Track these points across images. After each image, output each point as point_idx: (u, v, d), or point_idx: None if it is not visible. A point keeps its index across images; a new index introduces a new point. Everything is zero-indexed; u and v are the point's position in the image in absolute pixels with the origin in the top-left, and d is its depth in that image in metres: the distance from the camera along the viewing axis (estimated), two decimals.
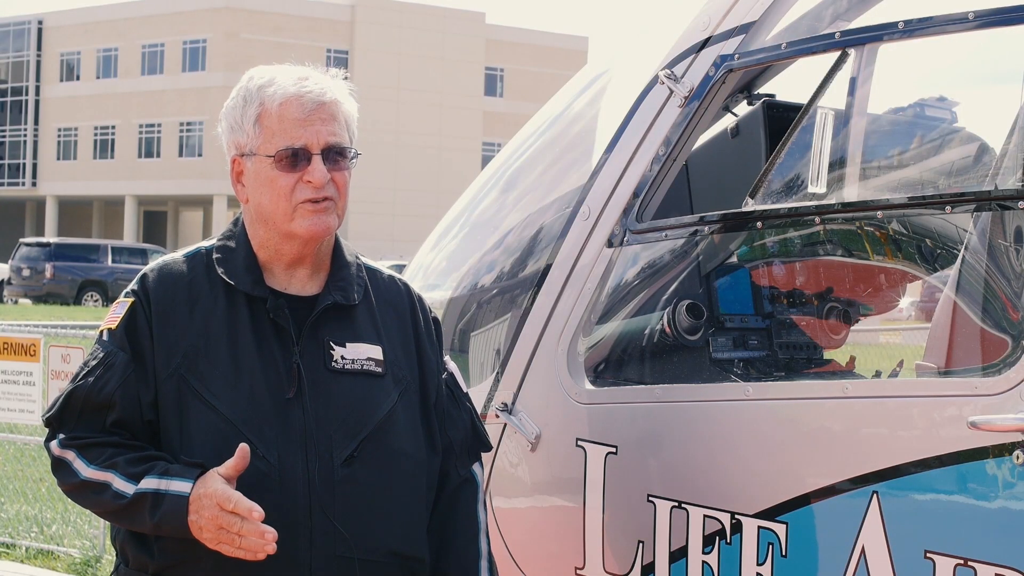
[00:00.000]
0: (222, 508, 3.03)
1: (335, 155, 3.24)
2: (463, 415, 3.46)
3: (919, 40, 3.66)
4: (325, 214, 3.23)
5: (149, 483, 3.11)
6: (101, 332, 3.28)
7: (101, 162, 79.58)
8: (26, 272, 43.03)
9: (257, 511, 3.02)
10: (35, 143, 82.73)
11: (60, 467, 3.22)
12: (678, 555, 3.77)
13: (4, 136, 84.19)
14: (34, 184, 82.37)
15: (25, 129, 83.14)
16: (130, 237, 73.71)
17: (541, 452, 4.11)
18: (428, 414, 3.37)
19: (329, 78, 3.30)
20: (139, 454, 3.17)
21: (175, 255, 3.35)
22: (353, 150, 3.28)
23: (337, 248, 3.36)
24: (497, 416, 4.17)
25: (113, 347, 3.23)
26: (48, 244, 44.82)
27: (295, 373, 3.21)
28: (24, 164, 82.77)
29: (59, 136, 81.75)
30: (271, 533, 3.02)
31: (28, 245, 44.62)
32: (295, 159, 3.21)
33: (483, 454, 3.53)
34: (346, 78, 3.35)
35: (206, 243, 3.36)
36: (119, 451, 3.17)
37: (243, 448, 3.06)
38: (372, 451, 3.23)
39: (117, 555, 3.32)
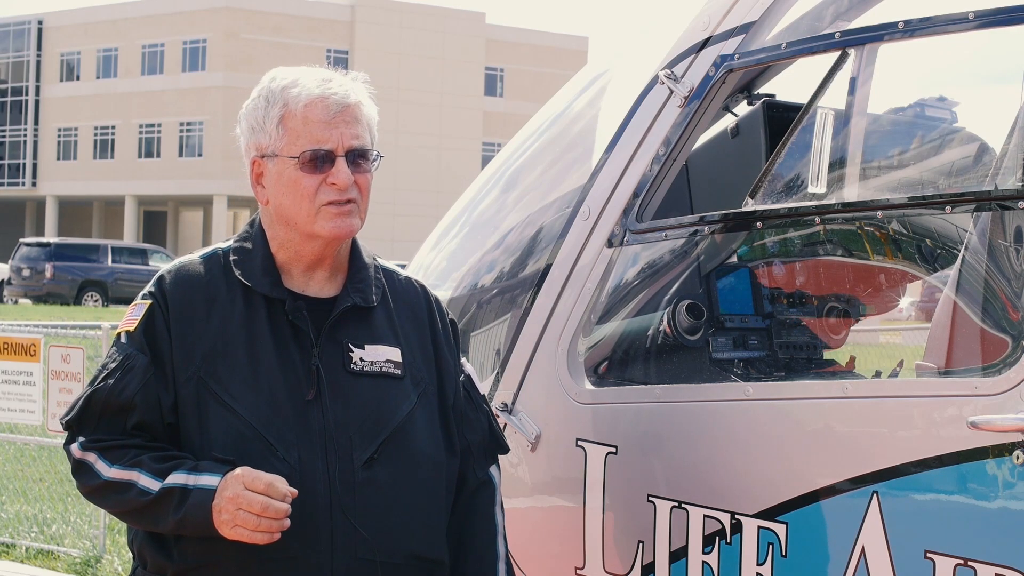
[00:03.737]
0: (247, 487, 3.02)
1: (358, 157, 3.24)
2: (480, 417, 3.46)
3: (919, 40, 3.66)
4: (349, 216, 3.23)
5: (177, 479, 3.10)
6: (119, 335, 3.26)
7: (101, 162, 79.55)
8: (26, 272, 43.01)
9: (291, 496, 3.04)
10: (35, 143, 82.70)
11: (81, 469, 3.20)
12: (678, 555, 3.77)
13: (4, 136, 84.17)
14: (34, 184, 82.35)
15: (25, 129, 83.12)
16: (130, 237, 73.67)
17: (541, 452, 4.11)
18: (446, 416, 3.37)
19: (351, 80, 3.29)
20: (164, 453, 3.16)
21: (191, 256, 3.34)
22: (376, 152, 3.28)
23: (355, 250, 3.35)
24: (497, 416, 4.17)
25: (132, 350, 3.21)
26: (48, 244, 44.79)
27: (314, 375, 3.20)
28: (24, 164, 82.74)
29: (59, 136, 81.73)
30: (288, 509, 3.03)
31: (28, 245, 44.60)
32: (319, 161, 3.21)
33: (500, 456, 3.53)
34: (366, 82, 3.34)
35: (222, 244, 3.35)
36: (142, 451, 3.16)
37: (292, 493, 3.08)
38: (392, 453, 3.22)
39: (134, 558, 3.30)
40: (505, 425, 4.16)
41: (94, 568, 9.03)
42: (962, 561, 3.25)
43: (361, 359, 3.25)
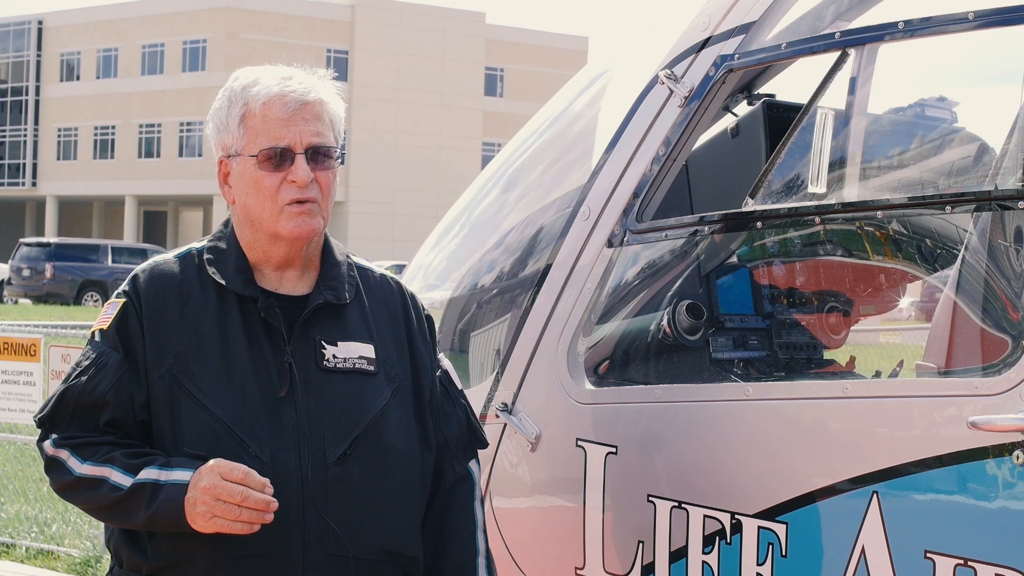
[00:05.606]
0: (224, 477, 3.02)
1: (319, 155, 3.24)
2: (458, 412, 3.46)
3: (919, 40, 3.66)
4: (310, 216, 3.23)
5: (149, 474, 3.11)
6: (93, 333, 3.28)
7: (101, 162, 79.57)
8: (26, 272, 43.01)
9: (270, 487, 3.04)
10: (35, 143, 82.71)
11: (54, 466, 3.21)
12: (678, 555, 3.77)
13: (4, 136, 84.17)
14: (34, 184, 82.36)
15: (25, 129, 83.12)
16: (130, 237, 73.70)
17: (541, 452, 4.11)
18: (422, 411, 3.37)
19: (315, 78, 3.30)
20: (136, 450, 3.17)
21: (166, 256, 3.35)
22: (338, 150, 3.28)
23: (327, 247, 3.36)
24: (497, 416, 4.17)
25: (105, 347, 3.22)
26: (48, 244, 44.80)
27: (287, 372, 3.21)
28: (24, 164, 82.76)
29: (59, 136, 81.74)
30: (274, 503, 3.03)
31: (28, 245, 44.60)
32: (279, 159, 3.21)
33: (481, 451, 3.53)
34: (334, 78, 3.35)
35: (197, 244, 3.37)
36: (114, 448, 3.17)
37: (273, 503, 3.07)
38: (365, 449, 3.23)
39: (112, 558, 3.31)
40: (505, 425, 4.16)
41: (94, 568, 9.03)
42: (962, 561, 3.25)
43: (334, 356, 3.26)
